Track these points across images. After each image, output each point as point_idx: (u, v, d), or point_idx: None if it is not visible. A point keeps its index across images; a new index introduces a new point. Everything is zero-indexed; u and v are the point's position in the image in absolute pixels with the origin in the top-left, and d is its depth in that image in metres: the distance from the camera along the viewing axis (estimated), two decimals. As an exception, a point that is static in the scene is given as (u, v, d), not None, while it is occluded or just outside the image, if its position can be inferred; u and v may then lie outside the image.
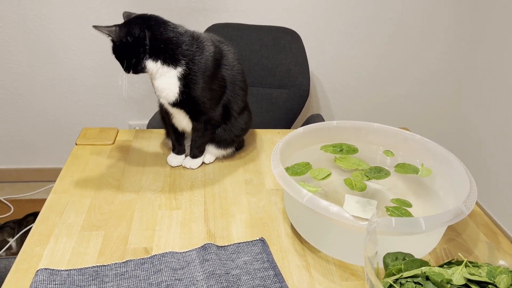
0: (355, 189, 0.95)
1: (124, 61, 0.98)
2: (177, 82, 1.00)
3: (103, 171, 1.09)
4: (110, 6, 1.95)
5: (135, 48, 0.96)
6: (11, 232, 1.85)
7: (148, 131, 1.31)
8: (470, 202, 0.79)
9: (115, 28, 0.95)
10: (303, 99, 1.83)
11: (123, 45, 0.96)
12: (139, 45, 0.96)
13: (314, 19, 2.08)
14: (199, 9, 2.01)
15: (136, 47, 0.96)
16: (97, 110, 2.20)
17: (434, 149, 1.00)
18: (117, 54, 0.99)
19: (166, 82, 1.00)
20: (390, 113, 2.38)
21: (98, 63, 2.07)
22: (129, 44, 0.96)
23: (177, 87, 1.00)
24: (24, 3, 1.90)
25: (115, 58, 1.00)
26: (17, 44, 1.99)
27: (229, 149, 1.18)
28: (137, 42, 0.96)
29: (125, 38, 0.95)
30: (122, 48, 0.97)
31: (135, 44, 0.96)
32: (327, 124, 1.08)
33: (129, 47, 0.96)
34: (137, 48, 0.96)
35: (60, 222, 0.90)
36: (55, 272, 0.77)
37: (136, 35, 0.95)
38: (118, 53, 0.99)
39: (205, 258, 0.82)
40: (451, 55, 2.25)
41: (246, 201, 1.01)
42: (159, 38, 0.97)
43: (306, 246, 0.88)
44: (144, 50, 0.96)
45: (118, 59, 1.00)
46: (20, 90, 2.10)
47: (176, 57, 0.98)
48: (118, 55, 0.99)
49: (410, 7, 2.10)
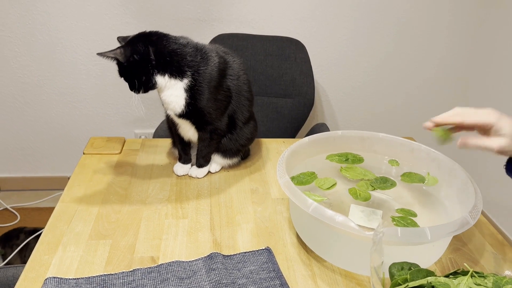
0: (359, 199, 0.95)
1: (135, 80, 0.98)
2: (184, 93, 1.01)
3: (110, 180, 1.10)
4: (118, 17, 1.97)
5: (142, 65, 0.96)
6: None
7: (154, 140, 1.33)
8: (475, 212, 0.79)
9: (119, 50, 0.95)
10: (308, 108, 1.84)
11: (131, 65, 0.96)
12: (146, 62, 0.96)
13: (318, 29, 2.10)
14: (205, 20, 2.03)
15: (143, 64, 0.96)
16: (103, 119, 2.22)
17: (439, 158, 1.00)
18: (126, 75, 0.99)
19: (173, 94, 1.01)
20: (394, 122, 2.39)
21: (105, 73, 2.10)
22: (136, 62, 0.96)
23: (183, 99, 1.01)
24: (33, 14, 1.93)
25: (124, 80, 1.00)
26: (25, 54, 2.02)
27: (234, 159, 1.19)
28: (143, 59, 0.96)
29: (131, 57, 0.95)
30: (129, 68, 0.97)
31: (142, 62, 0.96)
32: (332, 134, 1.09)
33: (136, 66, 0.96)
34: (144, 65, 0.96)
35: (68, 231, 0.91)
36: (63, 281, 0.78)
37: (141, 52, 0.95)
38: (127, 74, 0.99)
39: (212, 267, 0.82)
40: (456, 64, 2.25)
41: (252, 210, 1.02)
42: (164, 52, 0.97)
43: (312, 256, 0.88)
44: (152, 65, 0.97)
45: (127, 81, 1.00)
46: (28, 99, 2.12)
47: (182, 68, 0.99)
48: (127, 76, 0.99)
49: (414, 15, 2.11)
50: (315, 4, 2.04)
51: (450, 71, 2.27)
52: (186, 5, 1.99)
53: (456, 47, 2.21)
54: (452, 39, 2.19)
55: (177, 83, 1.00)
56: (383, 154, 1.09)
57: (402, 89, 2.30)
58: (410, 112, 2.36)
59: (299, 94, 1.82)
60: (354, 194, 0.96)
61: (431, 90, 2.31)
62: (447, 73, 2.27)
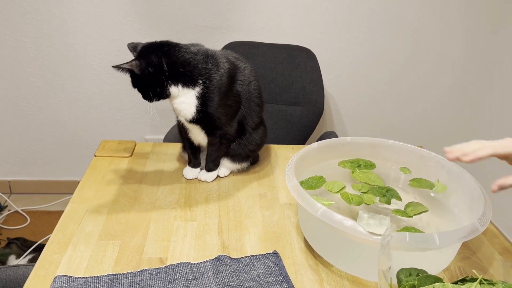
0: (352, 203, 0.94)
1: (149, 91, 0.99)
2: (196, 101, 1.02)
3: (121, 182, 1.12)
4: (131, 24, 2.00)
5: (156, 77, 0.97)
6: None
7: (164, 144, 1.34)
8: (485, 219, 0.79)
9: (135, 62, 0.96)
10: (317, 116, 1.84)
11: (145, 77, 0.97)
12: (160, 73, 0.97)
13: (329, 38, 2.11)
14: (216, 28, 2.05)
15: (157, 75, 0.97)
16: (114, 124, 2.24)
17: (448, 166, 1.00)
18: (140, 86, 1.00)
19: (184, 102, 1.02)
20: (404, 131, 2.38)
21: (117, 79, 2.12)
22: (150, 74, 0.97)
23: (194, 106, 1.02)
24: (48, 20, 1.97)
25: (138, 91, 1.01)
26: (39, 59, 2.05)
27: (243, 164, 1.20)
28: (158, 71, 0.97)
29: (146, 69, 0.96)
30: (143, 80, 0.98)
31: (156, 73, 0.97)
32: (341, 140, 1.09)
33: (150, 77, 0.97)
34: (158, 76, 0.97)
35: (78, 231, 0.92)
36: (72, 279, 0.79)
37: (155, 63, 0.96)
38: (140, 85, 0.99)
39: (219, 270, 0.82)
40: (466, 74, 2.25)
41: (260, 215, 1.02)
42: (176, 62, 0.98)
43: (319, 261, 0.88)
44: (165, 77, 0.98)
45: (141, 91, 1.00)
46: (41, 104, 2.16)
47: (194, 77, 1.00)
48: (141, 87, 1.00)
49: (425, 25, 2.11)
50: (326, 13, 2.05)
51: (461, 80, 2.26)
52: (197, 13, 2.01)
53: (468, 56, 2.20)
54: (464, 48, 2.18)
55: (189, 92, 1.01)
56: (392, 161, 1.09)
57: (412, 98, 2.29)
58: (420, 122, 2.35)
59: (308, 102, 1.83)
60: (347, 198, 0.95)
61: (441, 100, 2.31)
62: (458, 82, 2.27)
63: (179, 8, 2.00)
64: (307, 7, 2.03)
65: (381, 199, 0.97)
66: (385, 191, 0.98)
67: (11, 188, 2.37)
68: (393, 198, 0.97)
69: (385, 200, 0.96)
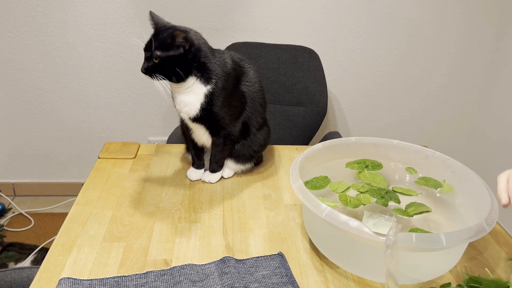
0: (349, 206, 0.93)
1: (171, 68, 0.98)
2: (203, 98, 1.02)
3: (125, 184, 1.12)
4: (133, 26, 2.00)
5: (188, 60, 0.99)
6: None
7: (168, 145, 1.34)
8: (491, 219, 0.78)
9: (190, 37, 0.99)
10: (321, 116, 1.84)
11: (181, 55, 0.98)
12: (193, 59, 0.99)
13: (332, 38, 2.10)
14: (220, 28, 2.05)
15: (190, 60, 0.99)
16: (117, 126, 2.24)
17: (454, 166, 0.99)
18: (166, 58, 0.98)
19: (190, 98, 1.02)
20: (407, 131, 2.37)
21: (120, 81, 2.12)
22: (185, 55, 0.98)
23: (199, 103, 1.02)
24: (51, 22, 1.97)
25: (152, 70, 0.99)
26: (42, 61, 2.06)
27: (247, 164, 1.19)
28: (194, 56, 0.99)
29: (190, 49, 0.98)
30: (176, 57, 0.98)
31: (191, 58, 0.99)
32: (346, 140, 1.08)
33: (183, 57, 0.98)
34: (190, 61, 0.99)
35: (82, 233, 0.92)
36: (77, 282, 0.79)
37: (197, 50, 1.00)
38: (169, 58, 0.98)
39: (224, 271, 0.82)
40: (469, 71, 2.24)
41: (264, 216, 1.02)
42: (211, 59, 1.02)
43: (324, 262, 0.88)
44: (194, 65, 1.00)
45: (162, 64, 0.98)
46: (44, 106, 2.16)
47: (211, 76, 1.01)
48: (167, 60, 0.98)
49: (426, 24, 2.10)
50: (329, 13, 2.05)
51: (464, 78, 2.25)
52: (200, 14, 2.01)
53: (470, 53, 2.19)
54: (464, 46, 2.17)
55: (201, 88, 1.01)
56: (397, 161, 1.08)
57: (416, 98, 2.29)
58: (424, 121, 2.34)
59: (312, 102, 1.82)
60: (344, 200, 0.94)
61: (445, 99, 2.30)
62: (461, 80, 2.26)
63: (182, 9, 2.00)
64: (309, 8, 2.03)
65: (378, 200, 0.95)
66: (384, 193, 0.97)
67: (15, 190, 2.37)
68: (392, 200, 0.95)
69: (382, 202, 0.95)
